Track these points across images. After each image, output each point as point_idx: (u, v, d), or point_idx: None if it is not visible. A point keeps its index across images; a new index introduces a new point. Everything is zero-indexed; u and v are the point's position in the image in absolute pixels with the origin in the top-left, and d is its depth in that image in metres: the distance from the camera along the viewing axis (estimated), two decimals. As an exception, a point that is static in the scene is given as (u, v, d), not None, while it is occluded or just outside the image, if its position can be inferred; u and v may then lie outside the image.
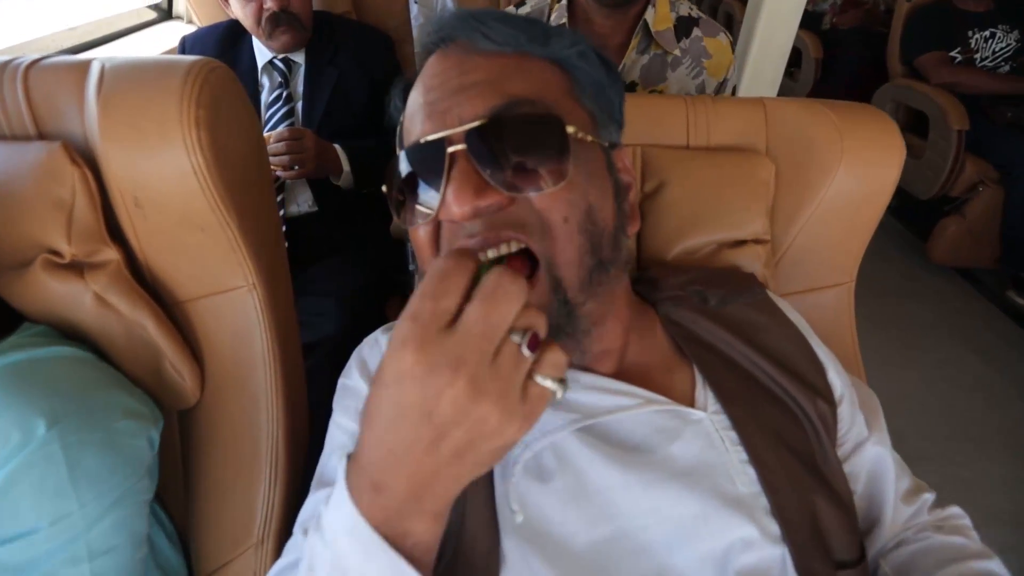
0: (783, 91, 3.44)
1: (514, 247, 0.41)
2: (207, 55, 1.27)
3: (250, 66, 1.21)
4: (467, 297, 0.29)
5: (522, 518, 0.42)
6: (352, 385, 0.53)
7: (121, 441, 0.50)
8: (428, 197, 0.41)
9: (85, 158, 0.51)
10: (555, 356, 0.31)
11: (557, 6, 0.89)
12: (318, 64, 1.19)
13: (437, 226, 0.43)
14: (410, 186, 0.43)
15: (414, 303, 0.29)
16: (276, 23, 1.11)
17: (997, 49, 2.10)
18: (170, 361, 0.58)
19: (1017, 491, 1.43)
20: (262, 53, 1.21)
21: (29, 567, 0.44)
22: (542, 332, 0.31)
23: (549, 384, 0.31)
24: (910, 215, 2.49)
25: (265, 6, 1.09)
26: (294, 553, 0.47)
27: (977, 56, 2.11)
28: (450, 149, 0.40)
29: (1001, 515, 1.37)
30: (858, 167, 0.60)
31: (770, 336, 0.51)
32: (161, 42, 1.46)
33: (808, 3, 3.23)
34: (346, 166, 1.12)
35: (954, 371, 1.80)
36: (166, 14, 1.61)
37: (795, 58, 3.10)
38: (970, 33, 2.09)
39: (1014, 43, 2.10)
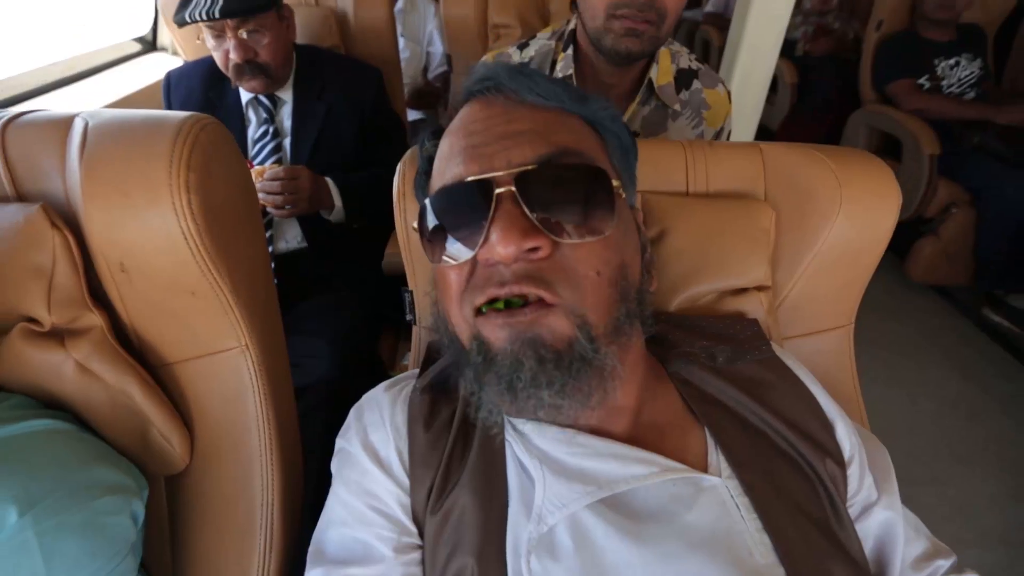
0: (763, 116, 3.54)
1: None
2: (192, 89, 1.26)
3: (235, 100, 1.19)
4: None
5: (535, 597, 0.40)
6: (354, 453, 0.51)
7: (102, 521, 0.47)
8: (465, 237, 0.41)
9: (67, 220, 0.49)
10: None
11: (563, 55, 0.88)
12: (306, 99, 1.17)
13: (471, 269, 0.42)
14: (446, 225, 0.42)
15: None
16: (241, 72, 1.08)
17: (962, 76, 2.19)
18: (157, 427, 0.54)
19: (1007, 508, 1.44)
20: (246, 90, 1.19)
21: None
22: None
23: None
24: (894, 237, 2.56)
25: (229, 57, 1.07)
26: None
27: (944, 83, 2.20)
28: (498, 190, 0.39)
29: (991, 533, 1.38)
30: (857, 215, 0.60)
31: (779, 394, 0.51)
32: (146, 75, 1.43)
33: (783, 32, 3.34)
34: (338, 201, 1.11)
35: (936, 388, 1.83)
36: (150, 46, 1.58)
37: (771, 83, 3.20)
38: (936, 61, 2.18)
39: (977, 71, 2.20)
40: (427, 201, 0.44)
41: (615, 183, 0.42)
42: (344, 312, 1.12)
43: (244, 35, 1.04)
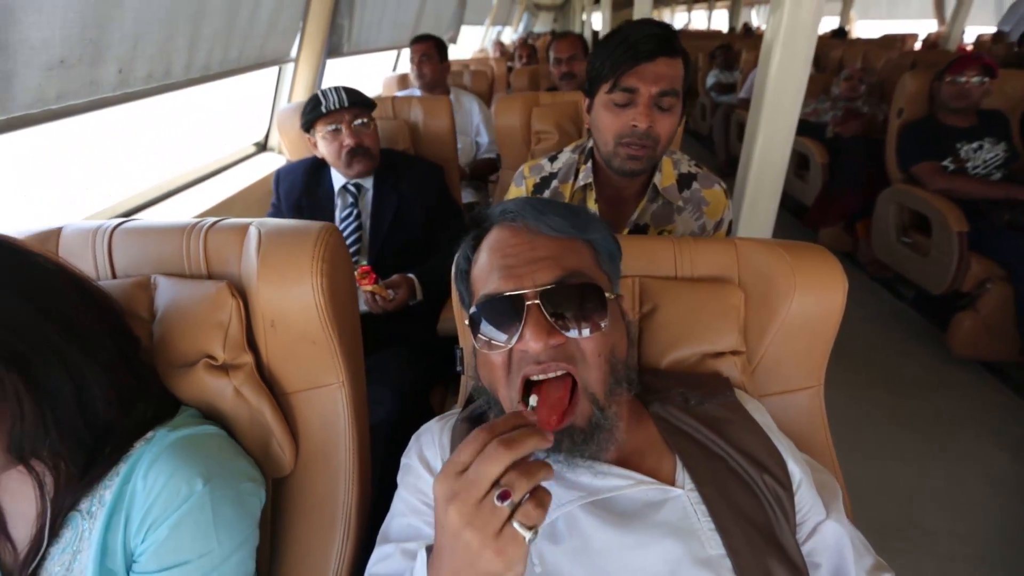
0: (796, 192, 3.69)
1: (560, 372, 0.58)
2: (295, 181, 1.61)
3: (328, 189, 1.52)
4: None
5: (540, 570, 0.56)
6: (412, 465, 0.70)
7: (246, 499, 0.67)
8: (505, 333, 0.59)
9: (240, 292, 0.74)
10: (529, 510, 0.41)
11: (584, 167, 1.12)
12: (384, 189, 1.47)
13: (508, 354, 0.60)
14: (491, 324, 0.60)
15: (455, 455, 0.44)
16: (353, 155, 1.42)
17: (987, 159, 2.29)
18: (276, 439, 0.76)
19: (1057, 594, 1.40)
20: (337, 180, 1.51)
21: (180, 593, 0.60)
22: (516, 493, 0.41)
23: (519, 528, 0.41)
24: (929, 307, 2.57)
25: (344, 143, 1.40)
26: None
27: (969, 165, 2.30)
28: (528, 302, 0.58)
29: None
30: (809, 295, 0.77)
31: (736, 429, 0.66)
32: (260, 169, 1.82)
33: (811, 115, 3.55)
34: (420, 295, 1.37)
35: (982, 467, 1.79)
36: (262, 147, 2.00)
37: (803, 163, 3.37)
38: (958, 145, 2.29)
39: (1002, 153, 2.29)
40: (475, 307, 0.62)
41: (607, 294, 0.60)
42: (404, 366, 1.34)
43: (356, 124, 1.41)
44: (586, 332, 0.58)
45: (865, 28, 10.18)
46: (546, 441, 0.43)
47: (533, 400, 0.51)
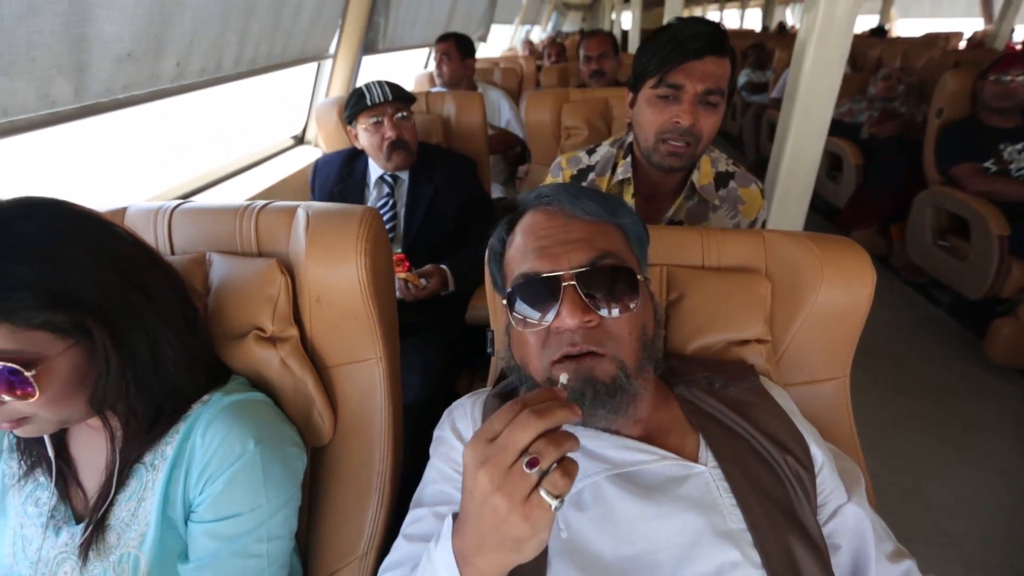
0: (827, 193, 3.62)
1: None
2: (331, 172, 1.68)
3: (360, 178, 1.58)
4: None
5: (566, 535, 0.59)
6: (445, 437, 0.73)
7: (291, 461, 0.72)
8: (540, 312, 0.62)
9: (288, 269, 0.79)
10: (557, 478, 0.42)
11: (623, 161, 1.13)
12: (419, 181, 1.52)
13: (545, 333, 0.63)
14: (527, 303, 0.63)
15: (487, 423, 0.45)
16: (393, 148, 1.47)
17: (1032, 161, 2.22)
18: (317, 409, 0.81)
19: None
20: (373, 170, 1.57)
21: (233, 539, 0.65)
22: (544, 460, 0.42)
23: (545, 496, 0.41)
24: (966, 313, 2.50)
25: (385, 136, 1.46)
26: (398, 553, 0.66)
27: (1012, 167, 2.23)
28: (564, 283, 0.61)
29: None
30: (836, 287, 0.78)
31: (760, 412, 0.68)
32: (297, 161, 1.90)
33: (846, 115, 3.48)
34: (452, 286, 1.42)
35: (1014, 477, 1.75)
36: (300, 140, 2.08)
37: (837, 164, 3.30)
38: (1001, 146, 2.22)
39: (1049, 156, 2.21)
40: (512, 286, 0.65)
41: (639, 276, 0.63)
42: (433, 353, 1.39)
43: (397, 118, 1.46)
44: (618, 312, 0.61)
45: (906, 27, 9.85)
46: (574, 414, 0.44)
47: (564, 378, 0.52)
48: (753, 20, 13.63)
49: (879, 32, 7.16)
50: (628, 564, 0.58)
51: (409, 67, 3.43)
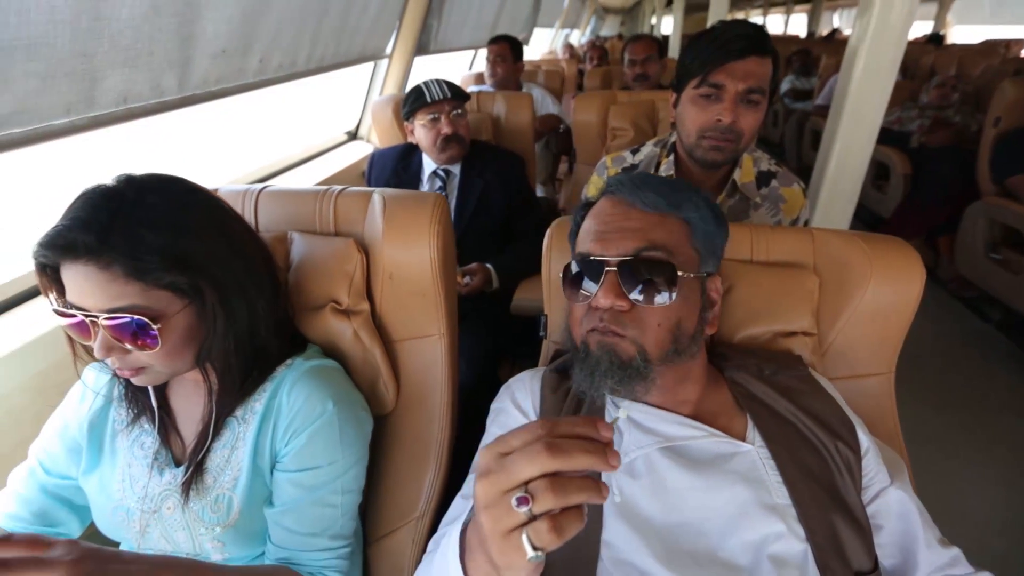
0: (872, 203, 3.54)
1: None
2: (386, 165, 1.77)
3: (415, 172, 1.66)
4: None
5: (620, 499, 0.64)
6: (504, 407, 0.79)
7: (362, 424, 0.79)
8: (585, 289, 0.68)
9: (363, 248, 0.86)
10: (543, 530, 0.36)
11: (666, 160, 1.17)
12: (470, 175, 1.59)
13: (587, 307, 0.69)
14: (577, 279, 0.70)
15: (508, 434, 0.40)
16: (448, 142, 1.55)
17: (1095, 174, 2.14)
18: (383, 379, 0.88)
19: None
20: (427, 165, 1.64)
21: (313, 489, 0.72)
22: (536, 505, 0.36)
23: (524, 542, 0.36)
24: (1017, 329, 2.42)
25: (441, 131, 1.53)
26: (456, 509, 0.71)
27: (1074, 180, 2.16)
28: (607, 268, 0.66)
29: None
30: (884, 284, 0.80)
31: (808, 398, 0.71)
32: (351, 155, 2.00)
33: (895, 123, 3.41)
34: (495, 283, 1.48)
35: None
36: (353, 136, 2.18)
37: (885, 172, 3.23)
38: (1062, 159, 2.16)
39: (1114, 169, 2.13)
40: (572, 262, 0.71)
41: (680, 272, 0.65)
42: (477, 341, 1.45)
43: (453, 115, 1.54)
44: (650, 302, 0.65)
45: (964, 33, 9.46)
46: (604, 464, 0.37)
47: (623, 412, 0.46)
48: (797, 26, 13.31)
49: (935, 39, 6.92)
50: (677, 529, 0.62)
51: (453, 68, 3.53)
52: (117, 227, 0.60)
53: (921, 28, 8.32)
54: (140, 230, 0.61)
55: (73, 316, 0.62)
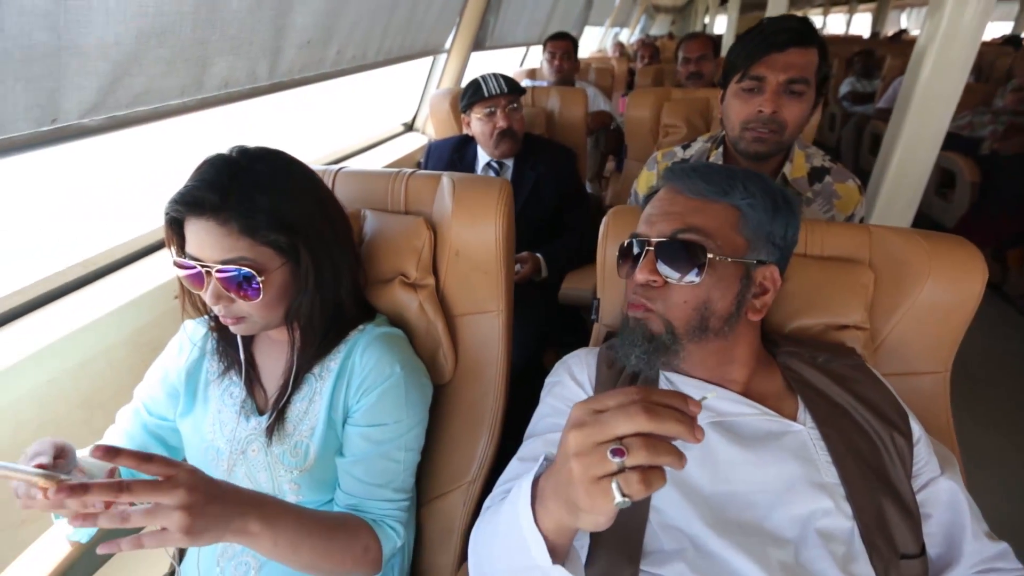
0: (934, 211, 3.40)
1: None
2: (443, 155, 1.85)
3: (469, 164, 1.72)
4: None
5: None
6: (560, 380, 0.83)
7: (424, 389, 0.86)
8: (630, 265, 0.74)
9: (432, 226, 0.92)
10: (633, 480, 0.39)
11: (715, 151, 1.20)
12: (522, 168, 1.64)
13: (632, 281, 0.73)
14: (625, 255, 0.75)
15: (603, 394, 0.44)
16: (502, 136, 1.60)
17: None
18: (443, 350, 0.94)
19: None
20: (482, 157, 1.71)
21: (380, 444, 0.79)
22: (630, 459, 0.40)
23: (614, 488, 0.40)
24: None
25: (497, 126, 1.59)
26: (511, 471, 0.76)
27: None
28: (648, 247, 0.71)
29: None
30: (943, 281, 0.80)
31: (861, 386, 0.73)
32: (407, 146, 2.09)
33: (964, 128, 3.25)
34: (544, 272, 1.53)
35: None
36: (409, 127, 2.28)
37: (950, 179, 3.09)
38: None
39: None
40: (625, 241, 0.76)
41: (710, 255, 0.67)
42: (525, 327, 1.50)
43: (509, 109, 1.59)
44: (679, 280, 0.69)
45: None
46: (691, 436, 0.41)
47: (711, 393, 0.50)
48: (860, 26, 12.73)
49: (1014, 41, 6.50)
50: (725, 499, 0.65)
51: (503, 65, 3.59)
52: (234, 188, 0.68)
53: (1000, 29, 7.82)
54: (252, 192, 0.70)
55: (192, 267, 0.70)
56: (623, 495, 0.40)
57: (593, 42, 7.65)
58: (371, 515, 0.80)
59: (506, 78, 1.61)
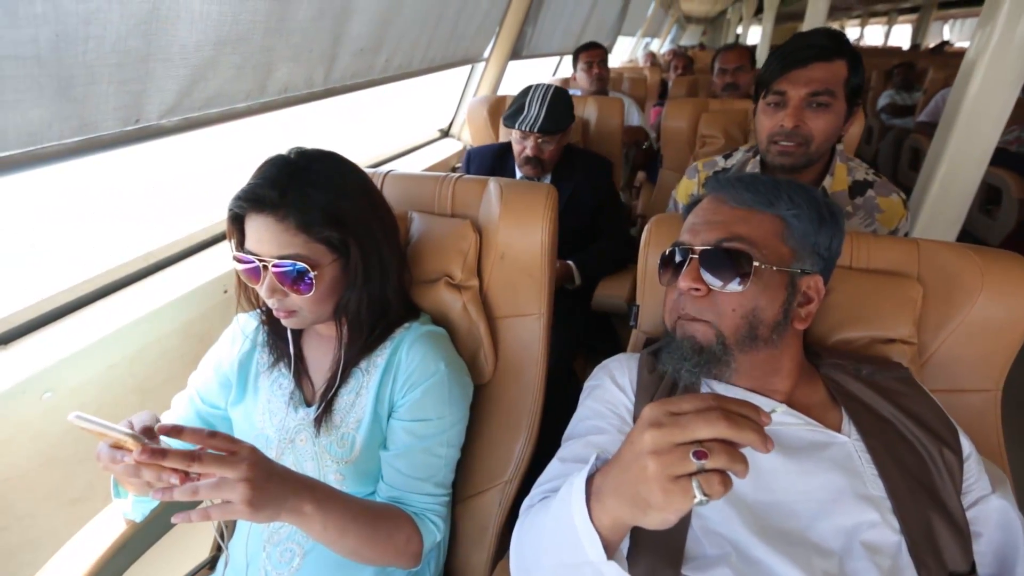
0: (979, 229, 3.30)
1: None
2: (483, 162, 1.89)
3: (512, 172, 1.75)
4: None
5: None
6: (601, 383, 0.83)
7: (466, 388, 0.88)
8: (672, 274, 0.74)
9: (478, 228, 0.95)
10: (715, 482, 0.41)
11: (753, 160, 1.21)
12: (560, 178, 1.66)
13: (675, 291, 0.74)
14: (668, 264, 0.76)
15: (677, 397, 0.46)
16: (526, 161, 1.62)
17: None
18: (484, 351, 0.96)
19: None
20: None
21: (423, 439, 0.81)
22: (711, 460, 0.41)
23: (696, 488, 0.42)
24: None
25: (524, 152, 1.61)
26: (551, 472, 0.77)
27: None
28: (691, 255, 0.72)
29: None
30: (996, 298, 0.79)
31: (908, 400, 0.72)
32: (443, 151, 2.13)
33: (1014, 143, 3.15)
34: (577, 280, 1.55)
35: None
36: (445, 134, 2.33)
37: (996, 196, 2.99)
38: None
39: None
40: (668, 249, 0.77)
41: (756, 263, 0.68)
42: (560, 332, 1.51)
43: (539, 141, 1.59)
44: (725, 288, 0.69)
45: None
46: (763, 446, 0.43)
47: (781, 408, 0.52)
48: (900, 37, 12.44)
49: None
50: (767, 508, 0.65)
51: (538, 74, 3.63)
52: (293, 187, 0.72)
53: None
54: (309, 190, 0.73)
55: (250, 261, 0.74)
56: (704, 495, 0.41)
57: (624, 52, 7.67)
58: (412, 508, 0.82)
59: (548, 111, 1.54)
